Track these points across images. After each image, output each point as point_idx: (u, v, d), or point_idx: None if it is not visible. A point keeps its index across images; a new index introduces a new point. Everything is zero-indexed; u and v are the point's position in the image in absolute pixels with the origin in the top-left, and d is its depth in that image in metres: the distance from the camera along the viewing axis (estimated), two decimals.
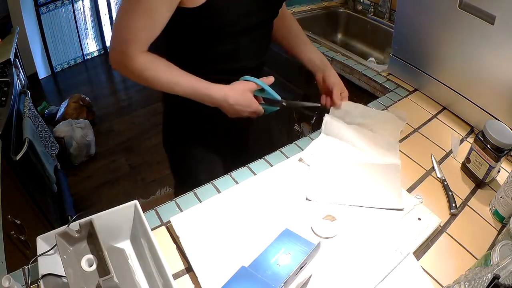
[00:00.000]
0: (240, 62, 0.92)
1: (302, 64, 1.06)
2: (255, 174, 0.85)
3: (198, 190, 0.81)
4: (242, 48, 0.89)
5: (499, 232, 0.77)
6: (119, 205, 0.65)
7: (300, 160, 0.88)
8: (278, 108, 0.94)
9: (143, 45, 0.79)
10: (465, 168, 0.91)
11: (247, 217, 0.73)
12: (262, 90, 0.91)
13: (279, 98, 0.93)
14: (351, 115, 0.99)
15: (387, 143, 0.93)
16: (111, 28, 3.53)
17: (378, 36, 1.73)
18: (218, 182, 0.83)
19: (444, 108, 1.13)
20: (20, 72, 1.89)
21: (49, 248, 0.59)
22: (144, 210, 0.69)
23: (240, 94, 0.87)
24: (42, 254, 0.58)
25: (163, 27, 0.78)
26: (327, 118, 0.96)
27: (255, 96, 0.91)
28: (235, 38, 0.86)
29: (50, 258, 0.59)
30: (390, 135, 0.96)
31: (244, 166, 0.88)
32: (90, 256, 0.56)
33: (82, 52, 3.45)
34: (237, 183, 0.82)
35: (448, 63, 1.06)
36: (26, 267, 0.62)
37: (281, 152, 0.92)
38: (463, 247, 0.73)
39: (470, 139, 1.02)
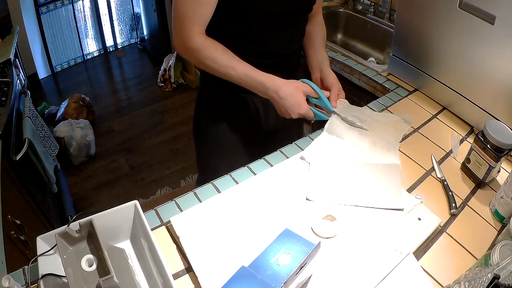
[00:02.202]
0: (269, 47, 0.94)
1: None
2: (255, 174, 0.85)
3: (198, 190, 0.81)
4: (272, 32, 0.91)
5: (499, 232, 0.77)
6: (119, 205, 0.65)
7: (302, 158, 0.88)
8: (327, 118, 0.93)
9: (200, 23, 0.83)
10: (465, 168, 0.91)
11: (247, 217, 0.73)
12: (316, 97, 0.92)
13: (332, 109, 0.93)
14: (355, 116, 0.99)
15: (387, 143, 0.93)
16: (111, 28, 3.53)
17: (378, 36, 1.73)
18: (218, 182, 0.83)
19: (444, 108, 1.13)
20: (20, 72, 1.89)
21: (49, 248, 0.59)
22: (144, 210, 0.69)
23: (292, 91, 0.87)
24: (42, 254, 0.58)
25: (214, 5, 0.82)
26: (332, 117, 0.96)
27: (307, 101, 0.91)
28: (266, 21, 0.88)
29: (50, 258, 0.59)
30: (391, 136, 0.96)
31: (244, 166, 0.88)
32: (90, 256, 0.56)
33: (82, 52, 3.45)
34: (237, 183, 0.82)
35: (448, 63, 1.06)
36: (26, 267, 0.62)
37: (281, 152, 0.92)
38: (463, 247, 0.73)
39: (470, 139, 1.02)
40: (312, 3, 0.96)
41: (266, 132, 1.07)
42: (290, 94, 0.87)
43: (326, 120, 0.94)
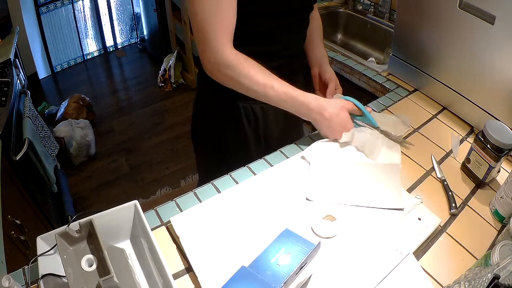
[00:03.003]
0: (271, 46, 0.90)
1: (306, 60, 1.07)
2: (255, 174, 0.85)
3: (198, 190, 0.81)
4: (275, 32, 0.87)
5: (499, 232, 0.77)
6: (119, 205, 0.65)
7: (302, 158, 0.88)
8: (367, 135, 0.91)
9: (229, 33, 0.77)
10: (465, 168, 0.91)
11: (247, 217, 0.73)
12: (360, 115, 0.91)
13: (377, 125, 0.92)
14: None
15: (387, 142, 0.93)
16: (111, 28, 3.53)
17: (378, 36, 1.73)
18: (218, 182, 0.83)
19: (444, 108, 1.13)
20: (20, 72, 1.89)
21: (49, 248, 0.59)
22: (144, 210, 0.69)
23: (337, 111, 0.84)
24: (42, 254, 0.58)
25: (236, 9, 0.76)
26: None
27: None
28: (269, 19, 0.84)
29: (50, 258, 0.59)
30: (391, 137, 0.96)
31: (244, 166, 0.88)
32: (90, 256, 0.56)
33: (82, 52, 3.45)
34: (237, 183, 0.82)
35: (448, 63, 1.06)
36: (26, 267, 0.62)
37: (281, 152, 0.92)
38: (463, 247, 0.73)
39: (470, 139, 1.02)
40: (313, 1, 0.94)
41: (266, 137, 1.05)
42: (336, 115, 0.84)
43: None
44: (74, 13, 3.24)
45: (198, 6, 0.74)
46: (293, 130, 1.12)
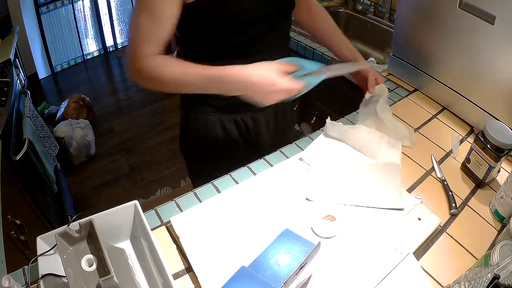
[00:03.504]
0: (254, 57, 0.86)
1: (334, 55, 1.07)
2: (255, 174, 0.85)
3: (198, 190, 0.81)
4: (254, 41, 0.84)
5: (499, 232, 0.77)
6: (119, 205, 0.65)
7: (300, 159, 0.88)
8: (322, 79, 0.80)
9: (155, 45, 0.76)
10: (465, 168, 0.91)
11: (247, 217, 0.73)
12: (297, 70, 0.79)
13: (320, 65, 0.81)
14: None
15: (387, 141, 0.93)
16: (111, 28, 3.53)
17: (378, 36, 1.73)
18: (218, 182, 0.83)
19: (444, 108, 1.13)
20: (20, 72, 1.89)
21: (49, 248, 0.59)
22: (144, 210, 0.69)
23: (267, 71, 0.74)
24: (42, 254, 0.58)
25: (171, 27, 0.76)
26: (328, 121, 0.96)
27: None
28: (243, 31, 0.81)
29: (50, 258, 0.59)
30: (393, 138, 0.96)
31: (244, 166, 0.88)
32: (90, 256, 0.56)
33: (82, 52, 3.45)
34: (237, 183, 0.82)
35: (448, 63, 1.06)
36: (26, 267, 0.62)
37: (281, 152, 0.92)
38: (463, 247, 0.73)
39: (470, 139, 1.02)
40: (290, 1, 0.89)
41: (258, 147, 1.03)
42: (266, 77, 0.73)
43: (318, 83, 0.82)
44: (74, 13, 3.24)
45: (133, 20, 0.76)
46: (283, 134, 1.09)
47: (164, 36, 0.77)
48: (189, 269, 0.65)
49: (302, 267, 0.56)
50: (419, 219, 0.75)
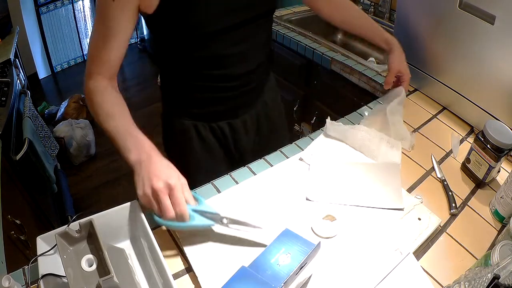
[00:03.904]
0: (230, 68, 0.85)
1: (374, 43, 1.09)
2: (255, 174, 0.85)
3: (198, 190, 0.81)
4: (227, 51, 0.82)
5: (499, 232, 0.77)
6: (119, 205, 0.65)
7: (300, 159, 0.88)
8: (212, 225, 0.67)
9: (104, 67, 0.74)
10: (465, 168, 0.91)
11: (247, 217, 0.73)
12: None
13: (215, 211, 0.67)
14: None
15: (387, 141, 0.93)
16: None
17: None
18: (218, 182, 0.83)
19: (444, 108, 1.13)
20: (20, 72, 1.89)
21: (49, 248, 0.59)
22: (144, 210, 0.69)
23: (168, 165, 0.66)
24: (42, 254, 0.58)
25: (122, 50, 0.74)
26: (328, 121, 0.96)
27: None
28: (214, 41, 0.79)
29: (50, 258, 0.59)
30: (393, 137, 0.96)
31: (244, 166, 0.88)
32: (90, 256, 0.56)
33: (82, 52, 3.45)
34: (237, 183, 0.82)
35: (448, 63, 1.06)
36: (26, 267, 0.62)
37: (281, 152, 0.92)
38: (463, 247, 0.73)
39: (470, 139, 1.02)
40: (271, 3, 0.85)
41: (239, 154, 1.01)
42: (159, 163, 0.65)
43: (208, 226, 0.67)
44: (74, 13, 3.24)
45: (92, 37, 0.75)
46: (268, 140, 1.04)
47: (114, 59, 0.75)
48: (189, 269, 0.65)
49: (302, 267, 0.56)
50: (419, 219, 0.75)
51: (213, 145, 0.97)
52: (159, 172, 0.63)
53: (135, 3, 0.71)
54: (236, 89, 0.90)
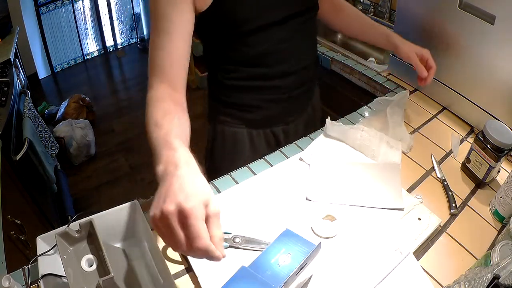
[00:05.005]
0: (274, 67, 0.83)
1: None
2: (255, 174, 0.85)
3: None
4: (272, 48, 0.80)
5: (499, 232, 0.77)
6: (119, 205, 0.65)
7: (300, 159, 0.88)
8: (225, 247, 0.66)
9: (162, 74, 0.67)
10: (465, 168, 0.91)
11: (247, 217, 0.73)
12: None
13: (228, 231, 0.68)
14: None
15: (387, 141, 0.93)
16: (111, 28, 3.53)
17: None
18: (218, 182, 0.83)
19: (444, 108, 1.13)
20: (20, 72, 1.89)
21: (49, 248, 0.59)
22: (144, 210, 0.69)
23: (190, 177, 0.48)
24: (42, 254, 0.58)
25: (183, 53, 0.68)
26: (328, 121, 0.96)
27: None
28: (258, 37, 0.77)
29: (50, 258, 0.59)
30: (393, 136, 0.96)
31: (244, 166, 0.88)
32: (90, 256, 0.56)
33: (82, 52, 3.45)
34: (237, 183, 0.82)
35: (448, 63, 1.06)
36: (26, 267, 0.62)
37: (281, 152, 0.92)
38: (463, 247, 0.73)
39: (470, 139, 1.02)
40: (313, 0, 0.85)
41: None
42: (191, 181, 0.47)
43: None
44: (74, 13, 3.24)
45: (150, 42, 0.69)
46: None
47: (172, 65, 0.67)
48: (189, 269, 0.65)
49: (302, 267, 0.56)
50: (419, 219, 0.75)
51: (264, 150, 0.95)
52: (179, 190, 0.45)
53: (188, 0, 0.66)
54: (290, 90, 0.89)
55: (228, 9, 0.73)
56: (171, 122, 0.60)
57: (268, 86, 0.87)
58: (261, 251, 0.63)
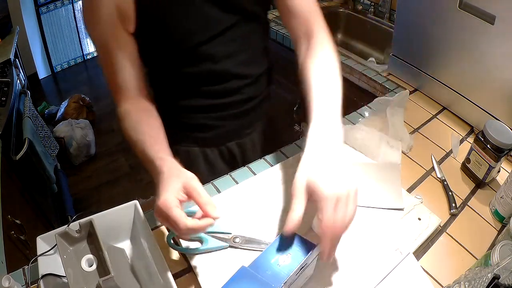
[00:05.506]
0: (219, 84, 0.80)
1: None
2: (255, 174, 0.85)
3: None
4: (213, 66, 0.77)
5: (499, 232, 0.77)
6: (119, 205, 0.65)
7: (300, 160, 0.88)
8: (225, 246, 0.67)
9: (124, 91, 0.72)
10: (465, 168, 0.91)
11: (247, 217, 0.73)
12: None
13: (227, 231, 0.69)
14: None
15: (387, 141, 0.93)
16: None
17: (378, 36, 1.73)
18: (218, 182, 0.83)
19: (444, 108, 1.13)
20: (20, 72, 1.89)
21: (49, 248, 0.59)
22: (144, 210, 0.69)
23: (171, 174, 0.56)
24: (42, 254, 0.58)
25: (133, 68, 0.71)
26: None
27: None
28: (194, 56, 0.76)
29: (50, 258, 0.59)
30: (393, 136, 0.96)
31: (244, 166, 0.88)
32: (90, 256, 0.56)
33: (82, 52, 3.45)
34: (237, 183, 0.82)
35: (448, 63, 1.06)
36: (26, 267, 0.62)
37: (281, 152, 0.92)
38: (463, 247, 0.73)
39: (470, 139, 1.02)
40: (248, 5, 0.76)
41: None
42: (166, 178, 0.55)
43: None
44: (74, 13, 3.24)
45: (102, 63, 0.72)
46: (274, 146, 0.96)
47: (128, 80, 0.72)
48: (189, 269, 0.65)
49: (303, 267, 0.56)
50: (419, 219, 0.75)
51: (220, 166, 0.94)
52: (157, 194, 0.54)
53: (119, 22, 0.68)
54: (240, 105, 0.87)
55: (159, 32, 0.72)
56: (144, 133, 0.68)
57: (216, 104, 0.84)
58: (261, 251, 0.64)
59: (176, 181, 0.54)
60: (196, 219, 0.53)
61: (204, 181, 0.73)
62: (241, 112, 0.88)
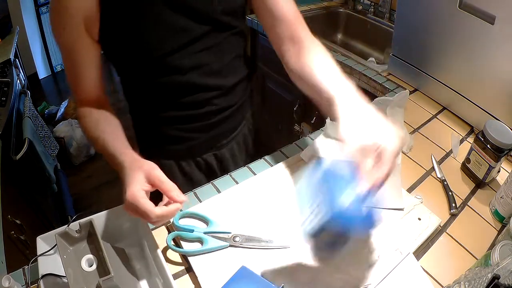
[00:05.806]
0: (191, 95, 0.79)
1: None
2: (255, 174, 0.85)
3: (198, 190, 0.81)
4: (183, 77, 0.76)
5: (499, 232, 0.77)
6: (119, 205, 0.65)
7: (300, 159, 0.88)
8: (225, 246, 0.66)
9: (84, 90, 0.74)
10: (465, 168, 0.91)
11: (247, 217, 0.73)
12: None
13: (227, 230, 0.68)
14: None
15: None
16: None
17: (378, 36, 1.73)
18: (218, 182, 0.83)
19: (444, 108, 1.13)
20: (20, 72, 1.89)
21: (49, 248, 0.59)
22: None
23: (129, 171, 0.59)
24: (42, 254, 0.58)
25: (93, 72, 0.73)
26: (328, 121, 0.96)
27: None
28: (171, 64, 0.74)
29: (50, 258, 0.59)
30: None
31: (244, 166, 0.88)
32: (90, 256, 0.56)
33: None
34: (237, 183, 0.82)
35: (448, 63, 1.06)
36: (26, 267, 0.62)
37: (281, 152, 0.92)
38: (463, 247, 0.73)
39: (470, 139, 1.02)
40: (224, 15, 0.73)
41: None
42: (129, 172, 0.59)
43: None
44: None
45: (65, 68, 0.75)
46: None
47: (89, 83, 0.74)
48: (189, 269, 0.65)
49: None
50: (419, 219, 0.75)
51: (198, 178, 0.92)
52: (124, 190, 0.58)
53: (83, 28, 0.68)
54: (213, 115, 0.85)
55: (127, 41, 0.71)
56: (103, 130, 0.71)
57: (186, 115, 0.83)
58: (262, 248, 0.64)
59: (139, 173, 0.58)
60: (163, 206, 0.57)
61: (184, 191, 0.72)
62: (212, 123, 0.86)
